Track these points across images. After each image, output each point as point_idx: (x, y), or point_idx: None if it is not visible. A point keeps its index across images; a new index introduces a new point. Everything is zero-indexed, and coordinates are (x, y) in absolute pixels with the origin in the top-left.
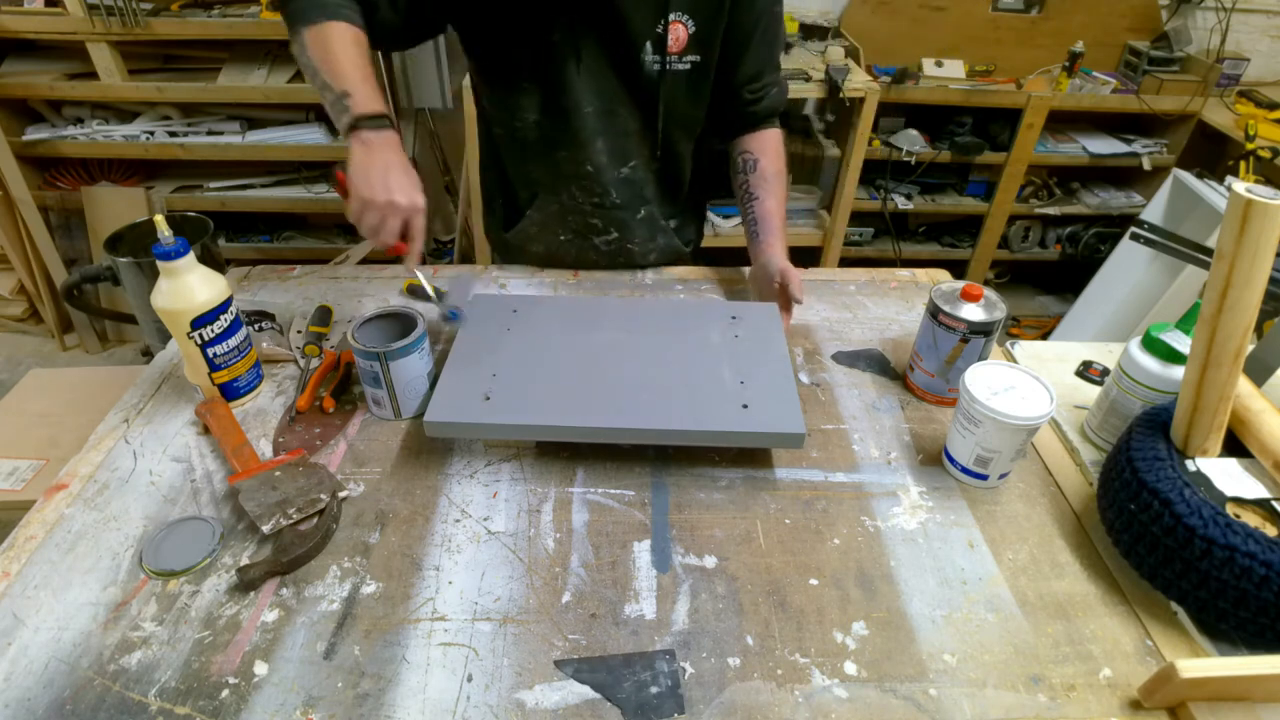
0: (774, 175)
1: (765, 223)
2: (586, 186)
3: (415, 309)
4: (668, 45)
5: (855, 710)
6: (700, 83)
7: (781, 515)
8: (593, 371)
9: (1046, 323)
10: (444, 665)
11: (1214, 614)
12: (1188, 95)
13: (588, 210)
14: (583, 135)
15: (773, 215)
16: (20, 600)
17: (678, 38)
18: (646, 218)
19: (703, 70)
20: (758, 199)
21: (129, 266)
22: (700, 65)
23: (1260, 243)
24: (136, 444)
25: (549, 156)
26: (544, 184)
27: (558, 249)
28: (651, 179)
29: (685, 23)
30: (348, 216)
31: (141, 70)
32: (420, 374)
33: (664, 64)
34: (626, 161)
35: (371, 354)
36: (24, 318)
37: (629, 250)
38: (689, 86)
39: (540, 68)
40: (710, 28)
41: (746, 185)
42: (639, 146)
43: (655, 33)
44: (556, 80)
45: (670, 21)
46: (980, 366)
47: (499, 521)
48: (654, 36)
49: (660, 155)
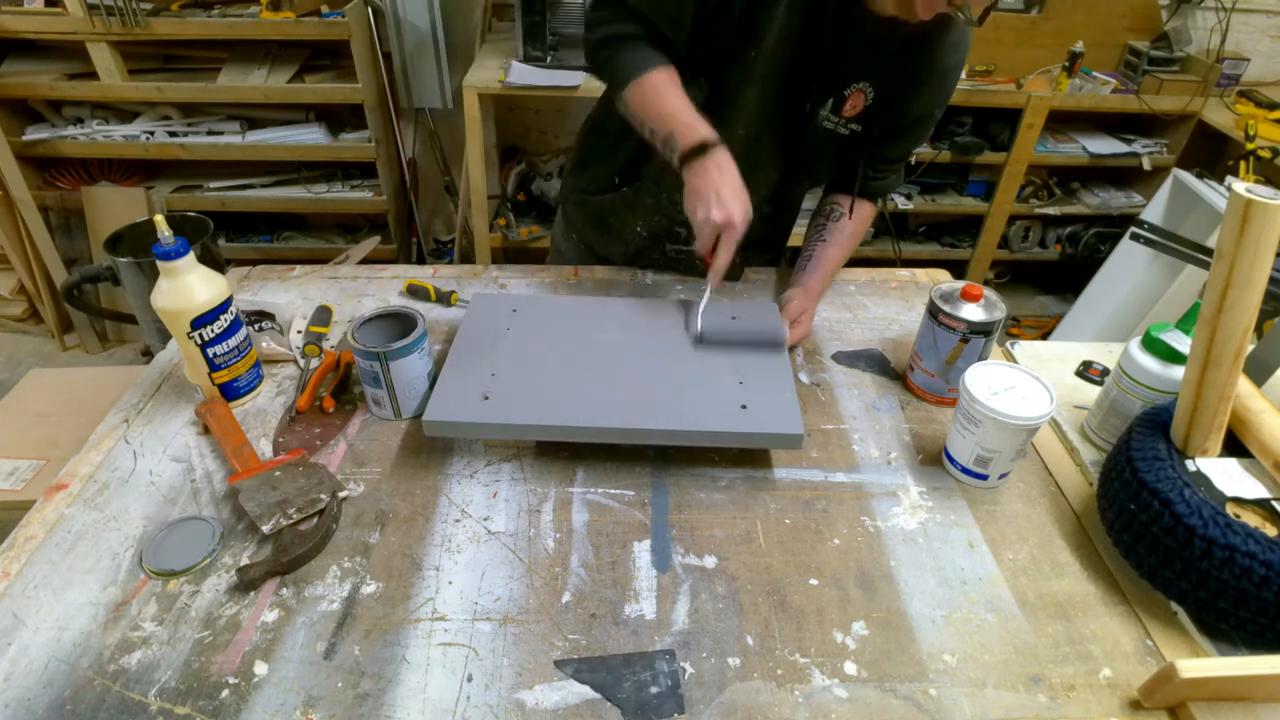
0: (851, 235)
1: (817, 264)
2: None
3: (415, 309)
4: (843, 109)
5: (855, 710)
6: (852, 150)
7: (781, 515)
8: (593, 371)
9: (1046, 323)
10: (444, 665)
11: (1214, 614)
12: (1188, 95)
13: (680, 219)
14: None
15: (828, 262)
16: (20, 600)
17: (854, 105)
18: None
19: (858, 140)
20: (825, 242)
21: (129, 266)
22: (859, 135)
23: (1260, 243)
24: (136, 444)
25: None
26: (651, 176)
27: (626, 239)
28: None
29: (867, 92)
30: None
31: (141, 70)
32: (420, 374)
33: (835, 125)
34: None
35: (371, 354)
36: (24, 318)
37: (695, 265)
38: (840, 150)
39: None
40: (884, 106)
41: (823, 228)
42: (763, 186)
43: (841, 94)
44: (725, 91)
45: (857, 88)
46: (980, 366)
47: (499, 521)
48: (838, 97)
49: (776, 199)
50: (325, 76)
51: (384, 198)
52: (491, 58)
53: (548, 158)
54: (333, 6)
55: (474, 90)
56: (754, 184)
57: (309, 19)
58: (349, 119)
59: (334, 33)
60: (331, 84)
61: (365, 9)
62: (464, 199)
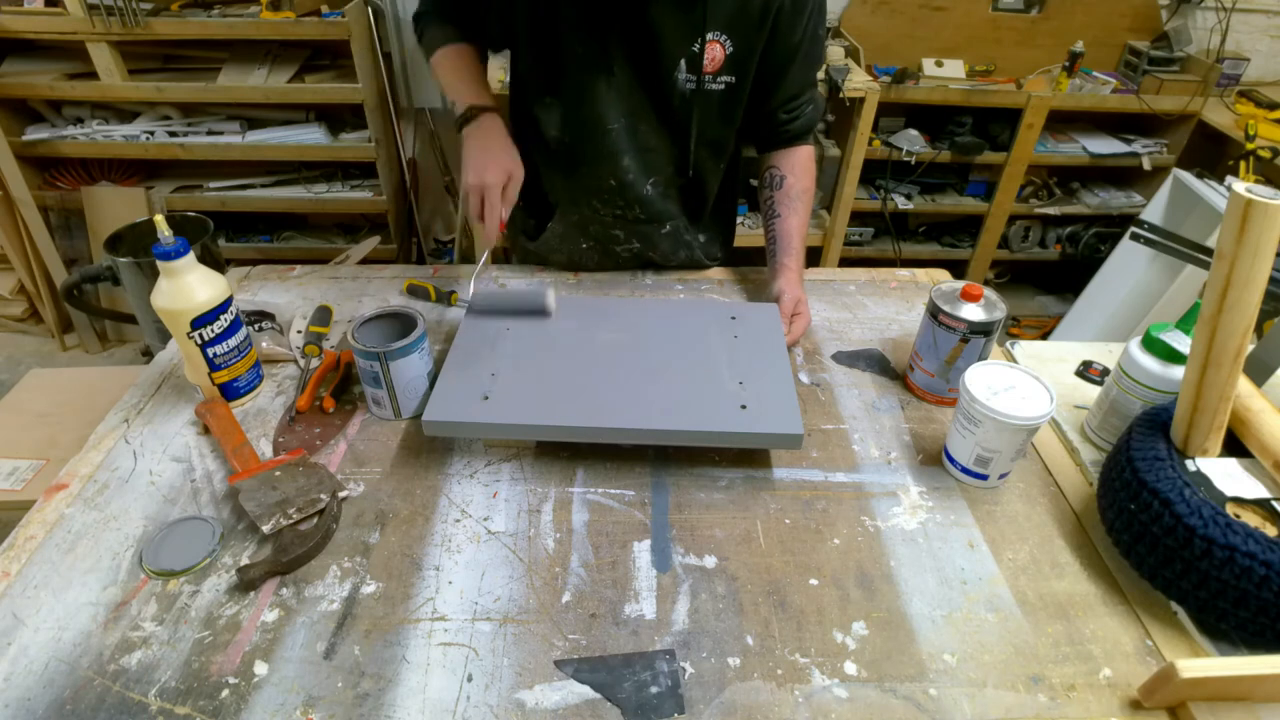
0: (799, 193)
1: (784, 242)
2: (609, 200)
3: (415, 309)
4: (703, 65)
5: (855, 710)
6: (733, 104)
7: (781, 515)
8: (592, 371)
9: (1046, 323)
10: (444, 665)
11: (1214, 614)
12: (1188, 95)
13: (609, 221)
14: (607, 150)
15: (792, 234)
16: (20, 600)
17: (714, 58)
18: (671, 232)
19: (736, 91)
20: (780, 216)
21: (129, 266)
22: (734, 86)
23: (1260, 243)
24: (136, 444)
25: (571, 171)
26: (565, 197)
27: (580, 256)
28: (676, 195)
29: (723, 43)
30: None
31: (141, 70)
32: (420, 374)
33: (699, 83)
34: (651, 177)
35: (371, 354)
36: (24, 318)
37: (651, 259)
38: (721, 107)
39: (564, 80)
40: (747, 49)
41: (771, 201)
42: (665, 163)
43: (691, 51)
44: (582, 94)
45: (708, 41)
46: (980, 366)
47: (499, 521)
48: (689, 55)
49: (685, 167)
50: (325, 76)
51: (384, 198)
52: (491, 58)
53: None
54: (333, 6)
55: None
56: (655, 165)
57: (309, 19)
58: (349, 119)
59: (334, 33)
60: (331, 84)
61: (365, 9)
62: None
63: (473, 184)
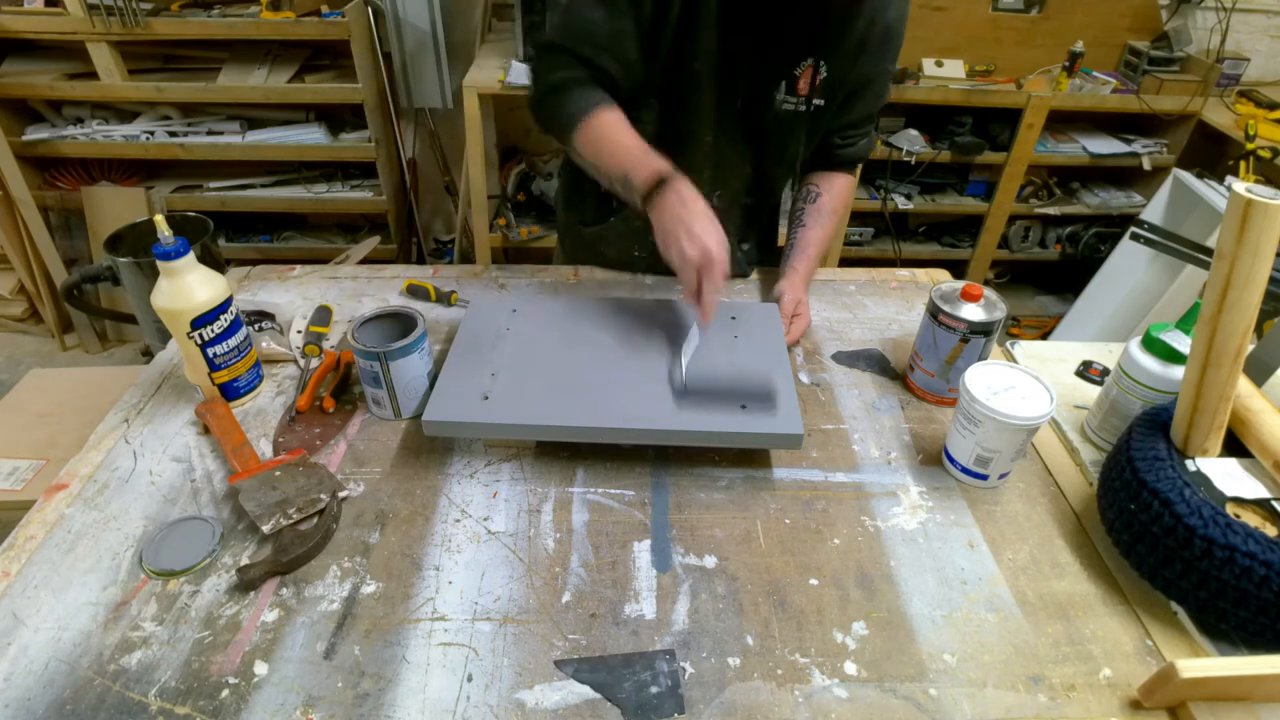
0: (829, 212)
1: (799, 249)
2: None
3: (415, 309)
4: (797, 87)
5: (855, 710)
6: (816, 125)
7: (781, 515)
8: (593, 371)
9: (1046, 323)
10: (444, 665)
11: (1214, 614)
12: (1188, 95)
13: None
14: (694, 163)
15: (810, 245)
16: (20, 600)
17: (805, 81)
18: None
19: (822, 115)
20: (805, 226)
21: (129, 266)
22: (822, 110)
23: (1260, 243)
24: (136, 444)
25: None
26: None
27: (630, 260)
28: (739, 210)
29: (818, 67)
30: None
31: (141, 70)
32: (420, 374)
33: (795, 104)
34: (718, 190)
35: (372, 354)
36: (24, 318)
37: None
38: (808, 128)
39: (668, 91)
40: (840, 75)
41: (801, 213)
42: (737, 179)
43: (792, 74)
44: (682, 103)
45: (806, 65)
46: (980, 366)
47: (499, 521)
48: (790, 78)
49: (756, 190)
50: (325, 76)
51: (384, 198)
52: (491, 58)
53: (548, 158)
54: (333, 6)
55: (474, 90)
56: (729, 180)
57: (309, 19)
58: (349, 119)
59: (334, 33)
60: (331, 84)
61: (365, 9)
62: (464, 199)
63: (697, 257)
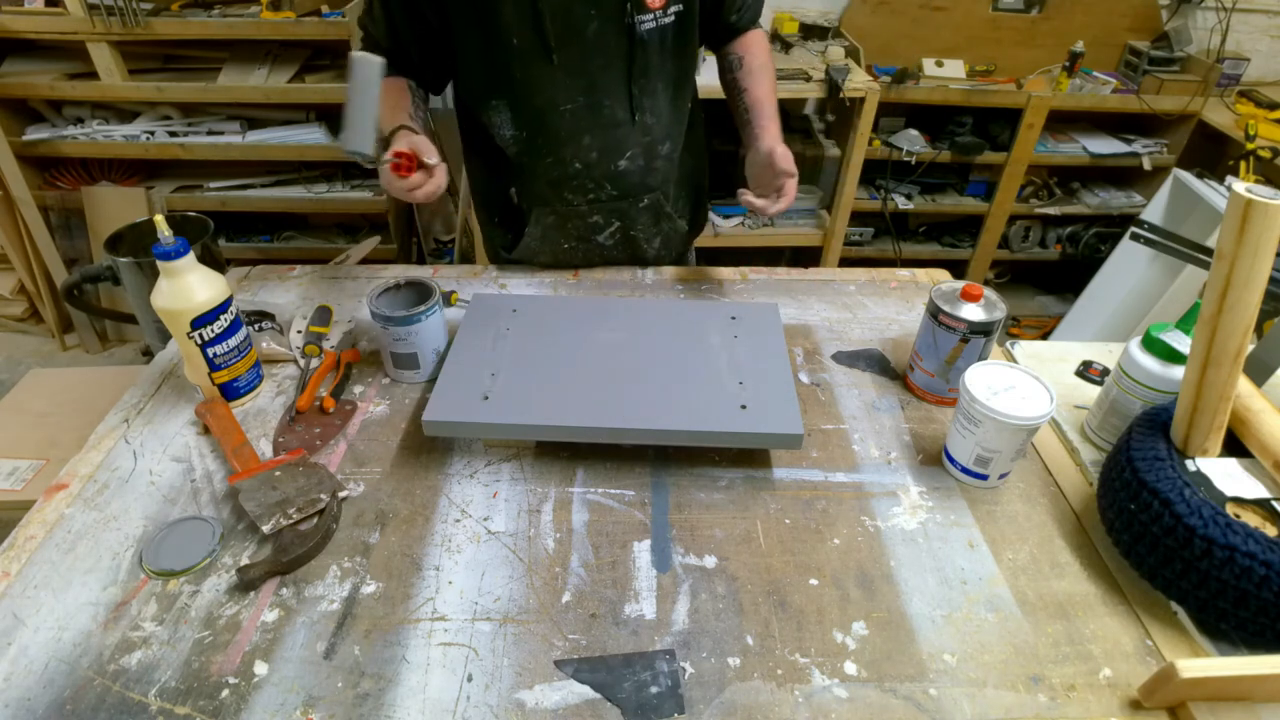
0: (760, 67)
1: (756, 110)
2: (578, 186)
3: (426, 277)
4: (648, 2)
5: (855, 710)
6: (687, 31)
7: (781, 515)
8: (592, 371)
9: (1046, 323)
10: (444, 665)
11: (1214, 614)
12: (1188, 95)
13: (584, 210)
14: (565, 133)
15: (763, 102)
16: (20, 600)
17: None
18: (650, 205)
19: (687, 17)
20: (746, 90)
21: (129, 266)
22: (684, 13)
23: (1260, 243)
24: (136, 444)
25: (534, 166)
26: (535, 198)
27: (563, 255)
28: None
29: None
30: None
31: (141, 70)
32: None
33: (654, 19)
34: (623, 153)
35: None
36: (24, 318)
37: (633, 239)
38: (676, 38)
39: (509, 77)
40: None
41: (735, 81)
42: (630, 134)
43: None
44: (528, 84)
45: None
46: (980, 366)
47: (499, 521)
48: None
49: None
50: (325, 76)
51: (384, 198)
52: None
53: None
54: (333, 6)
55: None
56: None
57: (309, 19)
58: None
59: (334, 33)
60: (332, 84)
61: None
62: (464, 199)
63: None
